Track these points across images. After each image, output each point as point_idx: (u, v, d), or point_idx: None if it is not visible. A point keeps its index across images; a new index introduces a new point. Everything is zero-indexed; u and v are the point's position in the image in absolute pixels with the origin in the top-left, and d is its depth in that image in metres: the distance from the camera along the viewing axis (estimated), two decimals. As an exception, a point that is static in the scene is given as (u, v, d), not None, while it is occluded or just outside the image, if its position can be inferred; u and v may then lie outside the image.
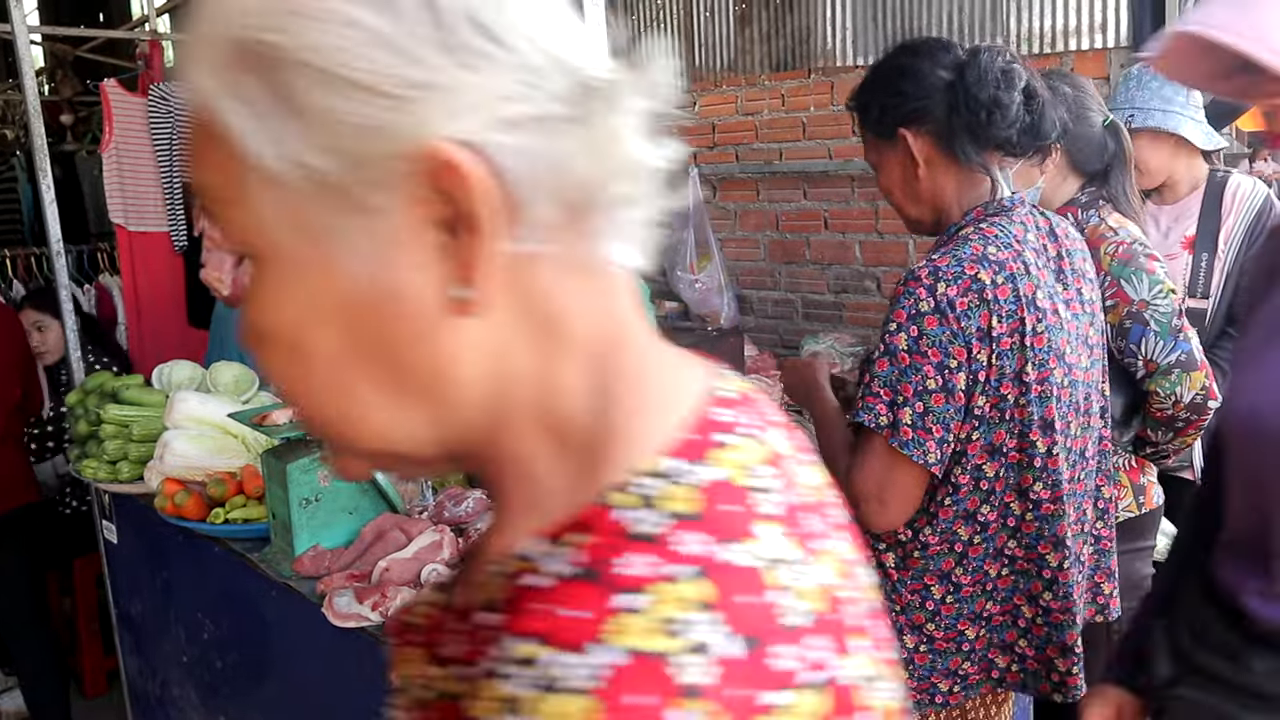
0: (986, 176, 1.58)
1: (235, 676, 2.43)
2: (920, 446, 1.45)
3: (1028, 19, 3.68)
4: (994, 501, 1.53)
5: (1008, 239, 1.51)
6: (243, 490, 2.37)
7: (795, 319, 4.72)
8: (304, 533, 2.11)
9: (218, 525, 2.29)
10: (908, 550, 1.57)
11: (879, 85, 1.61)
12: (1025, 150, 1.56)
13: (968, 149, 1.53)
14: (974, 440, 1.49)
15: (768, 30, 4.57)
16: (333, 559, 2.08)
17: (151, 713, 2.96)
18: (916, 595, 1.57)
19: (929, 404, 1.44)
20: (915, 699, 1.60)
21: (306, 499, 2.11)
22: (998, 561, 1.56)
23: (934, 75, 1.54)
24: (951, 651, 1.58)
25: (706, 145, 4.89)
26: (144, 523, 2.63)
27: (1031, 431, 1.50)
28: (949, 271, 1.45)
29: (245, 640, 2.35)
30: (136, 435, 2.65)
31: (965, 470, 1.51)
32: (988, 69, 1.50)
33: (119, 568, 2.99)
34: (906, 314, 1.46)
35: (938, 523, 1.54)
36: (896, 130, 1.58)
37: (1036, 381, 1.49)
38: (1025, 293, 1.47)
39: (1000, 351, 1.46)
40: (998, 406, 1.48)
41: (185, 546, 2.47)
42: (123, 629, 3.05)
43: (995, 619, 1.58)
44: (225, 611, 2.42)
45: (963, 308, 1.44)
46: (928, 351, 1.44)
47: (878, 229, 4.27)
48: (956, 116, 1.52)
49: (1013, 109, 1.50)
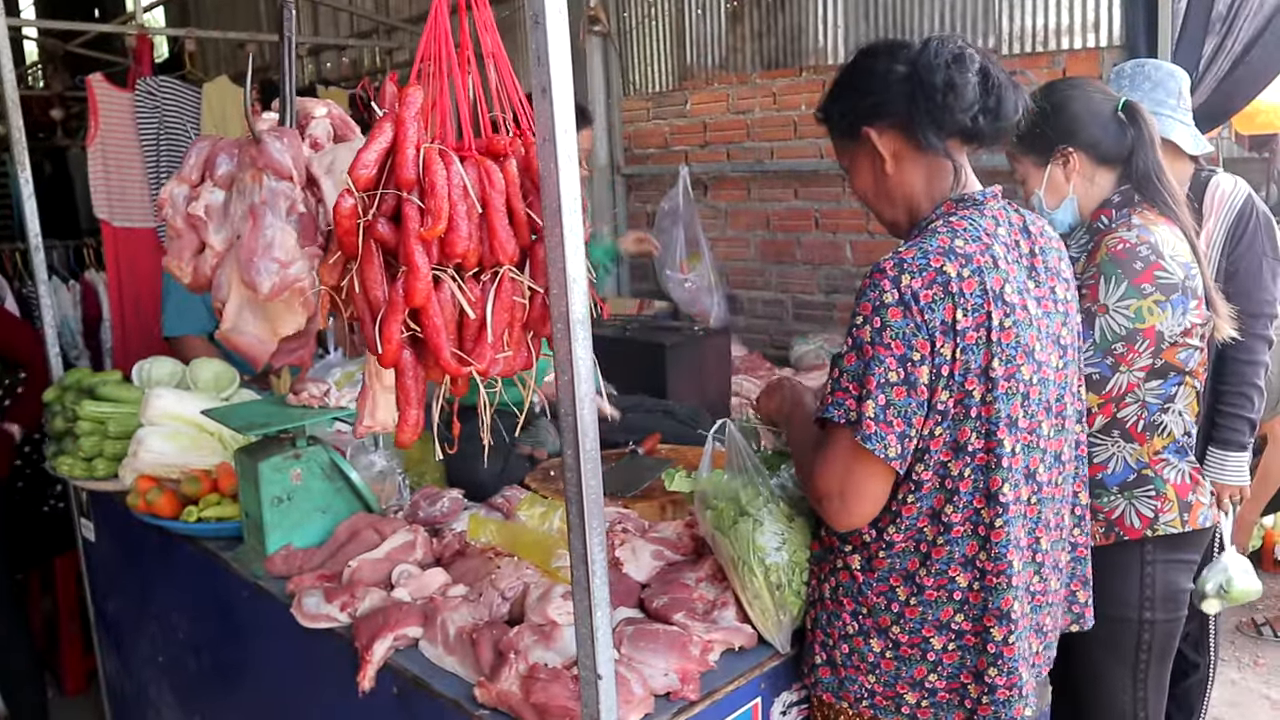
0: (951, 163, 1.56)
1: (211, 677, 2.40)
2: (882, 440, 1.43)
3: (1020, 17, 3.65)
4: (959, 504, 1.50)
5: (976, 232, 1.50)
6: (218, 488, 2.35)
7: (786, 319, 4.70)
8: (276, 532, 2.08)
9: (190, 524, 2.27)
10: (872, 551, 1.55)
11: (839, 89, 1.64)
12: (989, 135, 1.55)
13: (930, 136, 1.53)
14: (937, 436, 1.47)
15: (759, 28, 4.54)
16: (305, 558, 2.05)
17: (129, 712, 2.94)
18: (882, 597, 1.55)
19: (890, 397, 1.43)
20: (881, 704, 1.57)
21: (278, 497, 2.08)
22: (968, 571, 1.52)
23: (890, 70, 1.55)
24: (917, 659, 1.55)
25: (698, 144, 4.87)
26: (120, 521, 2.61)
27: (999, 430, 1.47)
28: (914, 264, 1.44)
29: (219, 641, 2.33)
30: (113, 432, 2.63)
31: (928, 467, 1.49)
32: (938, 53, 1.51)
33: (97, 566, 2.96)
34: (871, 306, 1.45)
35: (901, 520, 1.52)
36: (860, 129, 1.58)
37: (1004, 378, 1.46)
38: (993, 287, 1.46)
39: (965, 346, 1.44)
40: (962, 402, 1.46)
41: (160, 545, 2.44)
42: (101, 628, 3.03)
43: (967, 638, 1.53)
44: (199, 611, 2.39)
45: (927, 300, 1.42)
46: (891, 343, 1.43)
47: (869, 229, 4.24)
48: (915, 105, 1.52)
49: (968, 90, 1.50)
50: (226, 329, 1.84)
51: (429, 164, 1.43)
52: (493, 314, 1.50)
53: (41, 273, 3.14)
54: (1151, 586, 2.07)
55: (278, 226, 1.72)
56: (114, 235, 4.45)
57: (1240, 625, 3.98)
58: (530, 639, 1.59)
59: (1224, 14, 3.07)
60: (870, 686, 1.57)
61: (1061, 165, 2.10)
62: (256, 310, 1.82)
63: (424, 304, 1.45)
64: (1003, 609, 1.51)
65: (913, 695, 1.56)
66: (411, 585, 1.87)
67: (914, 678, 1.55)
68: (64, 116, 6.57)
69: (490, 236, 1.49)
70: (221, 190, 1.85)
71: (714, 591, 1.76)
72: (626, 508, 2.18)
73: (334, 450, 2.19)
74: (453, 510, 2.21)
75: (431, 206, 1.42)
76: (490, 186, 1.48)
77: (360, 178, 1.45)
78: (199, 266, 1.84)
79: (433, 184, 1.42)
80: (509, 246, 1.49)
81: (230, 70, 6.22)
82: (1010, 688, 1.52)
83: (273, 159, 1.74)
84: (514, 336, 1.56)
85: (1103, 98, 2.11)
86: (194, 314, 3.35)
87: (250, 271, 1.72)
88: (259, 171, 1.75)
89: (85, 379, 2.78)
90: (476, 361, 1.50)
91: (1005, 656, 1.51)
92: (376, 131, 1.47)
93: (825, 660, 1.61)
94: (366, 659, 1.70)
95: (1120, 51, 3.38)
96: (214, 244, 1.84)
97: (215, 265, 1.85)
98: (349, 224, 1.47)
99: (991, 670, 1.52)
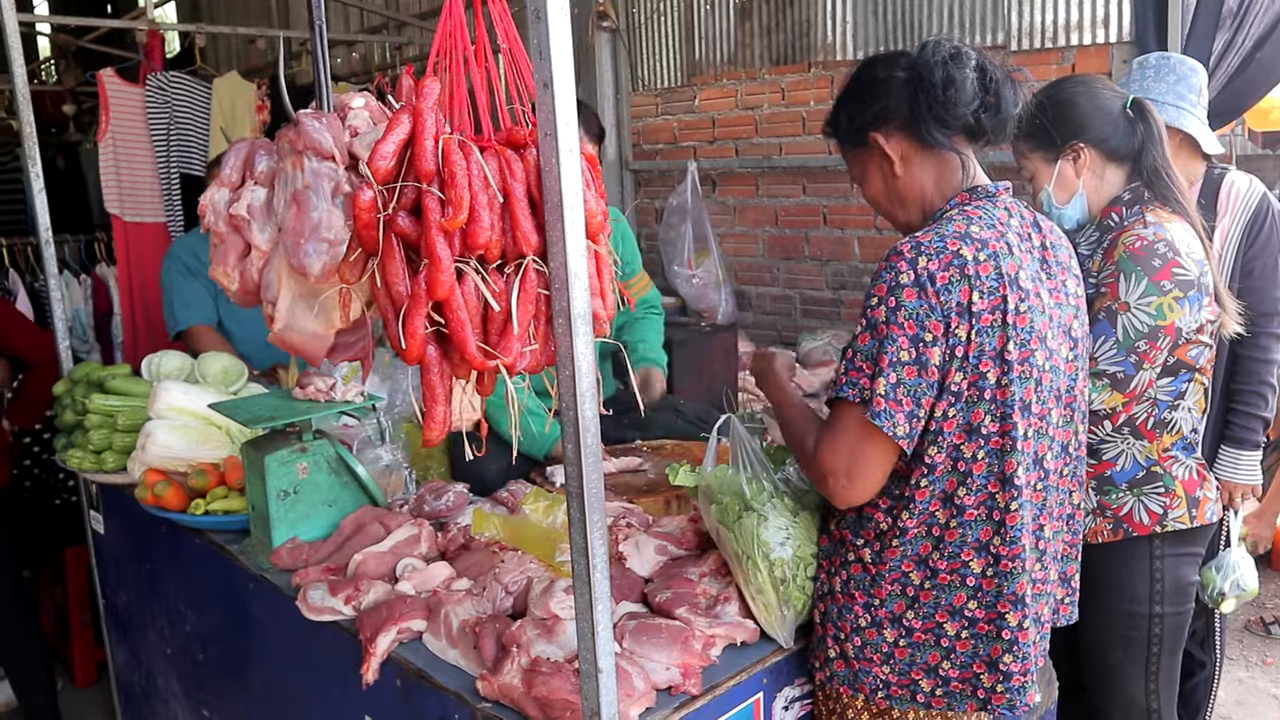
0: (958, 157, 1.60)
1: (217, 669, 2.42)
2: (890, 418, 1.45)
3: (1029, 13, 3.64)
4: (972, 486, 1.50)
5: (991, 220, 1.53)
6: (225, 481, 2.36)
7: (794, 315, 4.69)
8: (282, 525, 2.09)
9: (198, 516, 2.28)
10: (886, 540, 1.56)
11: (844, 102, 1.68)
12: (992, 130, 1.58)
13: (935, 133, 1.56)
14: (950, 418, 1.48)
15: (768, 24, 4.53)
16: (310, 551, 2.06)
17: (138, 703, 2.96)
18: (895, 585, 1.56)
19: (901, 375, 1.45)
20: (897, 694, 1.58)
21: (285, 491, 2.09)
22: (981, 556, 1.53)
23: (890, 76, 1.60)
24: (930, 645, 1.56)
25: (706, 140, 4.87)
26: (129, 513, 2.62)
27: (1014, 412, 1.48)
28: (931, 247, 1.47)
29: (225, 633, 2.34)
30: (122, 425, 2.64)
31: (941, 449, 1.50)
32: (935, 52, 1.56)
33: (106, 558, 2.98)
34: (887, 287, 1.47)
35: (914, 505, 1.52)
36: (867, 135, 1.63)
37: (1018, 361, 1.48)
38: (1008, 271, 1.48)
39: (980, 328, 1.45)
40: (976, 385, 1.47)
41: (168, 537, 2.46)
42: (110, 620, 3.05)
43: (980, 625, 1.54)
44: (206, 604, 2.40)
45: (943, 282, 1.44)
46: (904, 323, 1.45)
47: (877, 225, 4.24)
48: (917, 105, 1.56)
49: (968, 85, 1.54)
50: (279, 329, 1.76)
51: (448, 154, 1.40)
52: (518, 306, 1.45)
53: (52, 267, 3.15)
54: (1161, 580, 2.08)
55: (324, 207, 1.66)
56: (125, 230, 4.48)
57: (1249, 624, 3.96)
58: (533, 633, 1.60)
59: (1235, 9, 3.06)
60: (885, 677, 1.58)
61: (1072, 160, 2.10)
62: (309, 304, 1.76)
63: (447, 296, 1.42)
64: (1017, 593, 1.52)
65: (927, 682, 1.57)
66: (416, 579, 1.88)
67: (928, 664, 1.56)
68: (76, 111, 6.59)
69: (513, 227, 1.45)
70: (263, 188, 1.78)
71: (717, 586, 1.76)
72: (631, 502, 2.18)
73: (340, 444, 2.20)
74: (458, 504, 2.22)
75: (452, 197, 1.39)
76: (511, 176, 1.45)
77: (379, 170, 1.43)
78: (245, 271, 1.76)
79: (453, 174, 1.39)
80: (532, 237, 1.45)
81: (241, 65, 6.25)
82: (1025, 674, 1.54)
83: (312, 138, 1.69)
84: (540, 330, 1.52)
85: (1111, 95, 2.11)
86: (199, 303, 3.36)
87: (299, 255, 1.66)
88: (299, 155, 1.69)
89: (95, 372, 2.80)
90: (503, 355, 1.46)
91: (1020, 642, 1.53)
92: (394, 123, 1.44)
93: (839, 654, 1.62)
94: (370, 651, 1.71)
95: (1130, 47, 3.37)
96: (259, 243, 1.78)
97: (262, 266, 1.79)
98: (369, 218, 1.44)
99: (1007, 657, 1.53)
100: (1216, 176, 2.52)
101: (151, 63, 4.61)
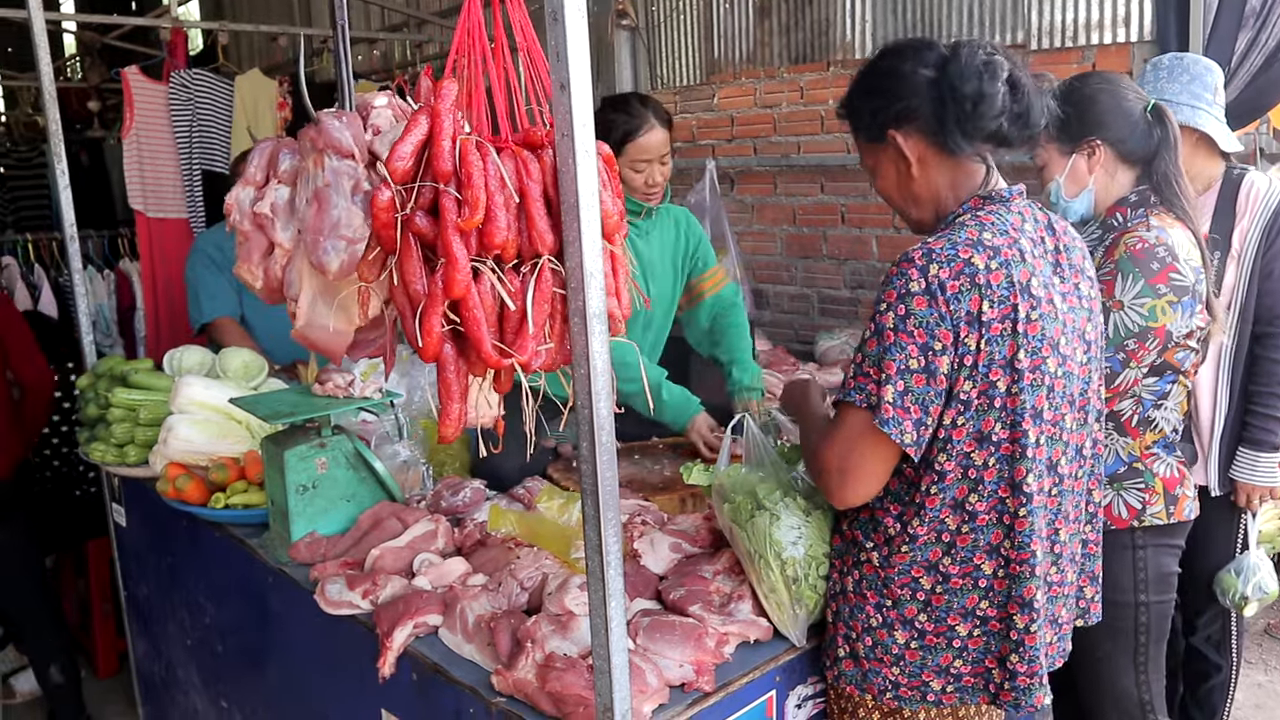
0: (981, 165, 1.58)
1: (236, 660, 2.45)
2: (899, 426, 1.45)
3: (1049, 12, 3.62)
4: (984, 492, 1.50)
5: (1004, 226, 1.52)
6: (245, 476, 2.39)
7: (811, 314, 4.69)
8: (301, 519, 2.12)
9: (218, 510, 2.31)
10: (894, 545, 1.56)
11: (865, 90, 1.63)
12: (1016, 140, 1.55)
13: (959, 142, 1.54)
14: (960, 426, 1.48)
15: (787, 22, 4.52)
16: (328, 546, 2.08)
17: (158, 694, 3.00)
18: (906, 589, 1.56)
19: (910, 384, 1.44)
20: (906, 695, 1.58)
21: (304, 485, 2.11)
22: (993, 559, 1.53)
23: (917, 74, 1.55)
24: (942, 647, 1.56)
25: (725, 138, 4.86)
26: (150, 506, 2.66)
27: (1024, 420, 1.48)
28: (942, 254, 1.45)
29: (244, 625, 2.37)
30: (144, 419, 2.68)
31: (951, 457, 1.49)
32: (969, 62, 1.51)
33: (128, 551, 3.02)
34: (896, 293, 1.46)
35: (925, 513, 1.52)
36: (886, 132, 1.59)
37: (1029, 369, 1.47)
38: (1019, 279, 1.47)
39: (990, 337, 1.45)
40: (986, 393, 1.47)
41: (189, 531, 2.49)
42: (131, 611, 3.08)
43: (992, 623, 1.55)
44: (225, 596, 2.43)
45: (953, 290, 1.43)
46: (914, 331, 1.44)
47: (895, 224, 4.23)
48: (944, 112, 1.53)
49: (998, 99, 1.50)
50: (301, 326, 1.79)
51: (465, 155, 1.42)
52: (533, 305, 1.47)
53: (76, 262, 3.19)
54: (1144, 570, 2.12)
55: (343, 206, 1.67)
56: (148, 225, 4.53)
57: (1269, 628, 3.93)
58: (547, 628, 1.61)
59: (1258, 8, 3.03)
60: (894, 678, 1.58)
61: (1087, 156, 2.11)
62: (329, 301, 1.78)
63: (463, 295, 1.44)
64: (1025, 597, 1.52)
65: (938, 682, 1.57)
66: (432, 574, 1.89)
67: (940, 665, 1.57)
68: (101, 108, 6.67)
69: (529, 227, 1.47)
70: (286, 186, 1.81)
71: (731, 584, 1.77)
72: (647, 500, 2.19)
73: (359, 440, 2.22)
74: (474, 500, 2.24)
75: (469, 197, 1.41)
76: (528, 176, 1.46)
77: (397, 170, 1.45)
78: (269, 269, 1.79)
79: (469, 175, 1.41)
80: (548, 237, 1.47)
81: (263, 63, 6.29)
82: (1031, 675, 1.54)
83: (332, 137, 1.70)
84: (555, 329, 1.54)
85: (1135, 96, 2.12)
86: (224, 296, 3.39)
87: (317, 251, 1.68)
88: (320, 154, 1.72)
89: (118, 367, 2.83)
90: (518, 354, 1.48)
91: (1027, 645, 1.53)
92: (412, 124, 1.46)
93: (849, 653, 1.62)
94: (387, 645, 1.73)
95: (1151, 46, 3.34)
96: (282, 241, 1.80)
97: (285, 264, 1.81)
98: (387, 217, 1.46)
99: (1013, 657, 1.53)
100: (1236, 177, 2.50)
101: (175, 60, 4.66)
